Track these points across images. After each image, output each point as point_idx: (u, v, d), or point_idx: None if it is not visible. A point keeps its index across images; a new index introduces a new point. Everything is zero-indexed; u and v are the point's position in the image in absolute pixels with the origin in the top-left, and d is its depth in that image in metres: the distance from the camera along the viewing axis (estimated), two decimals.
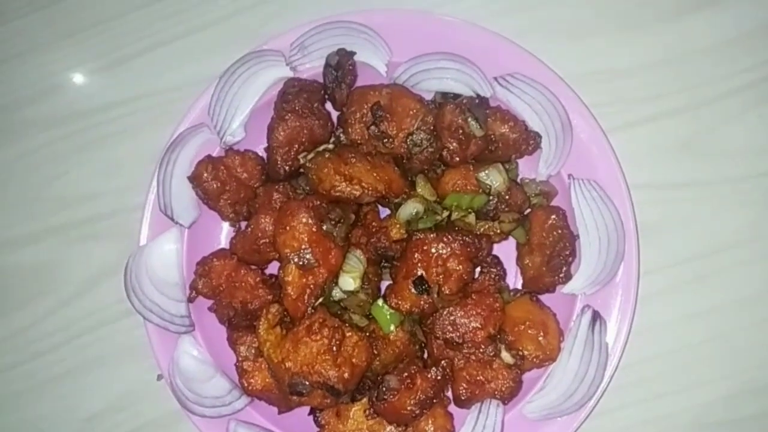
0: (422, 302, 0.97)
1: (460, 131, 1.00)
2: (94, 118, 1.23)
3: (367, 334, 1.00)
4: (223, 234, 1.15)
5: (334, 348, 0.92)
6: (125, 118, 1.22)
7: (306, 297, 0.97)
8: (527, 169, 1.09)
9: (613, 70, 1.14)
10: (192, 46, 1.22)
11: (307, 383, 0.92)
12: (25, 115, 1.25)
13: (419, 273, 0.97)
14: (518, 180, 1.08)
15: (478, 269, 1.05)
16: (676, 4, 1.14)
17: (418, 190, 1.03)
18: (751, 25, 1.13)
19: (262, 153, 1.11)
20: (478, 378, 0.99)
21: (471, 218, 1.00)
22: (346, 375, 0.92)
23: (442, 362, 0.98)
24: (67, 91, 1.25)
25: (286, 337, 0.95)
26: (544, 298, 1.05)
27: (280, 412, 1.06)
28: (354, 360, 0.94)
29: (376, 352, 0.99)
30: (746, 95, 1.12)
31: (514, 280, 1.09)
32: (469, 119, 1.00)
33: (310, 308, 0.97)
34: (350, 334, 0.95)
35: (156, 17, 1.23)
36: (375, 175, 1.00)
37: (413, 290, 0.96)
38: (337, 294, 1.00)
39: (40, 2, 1.26)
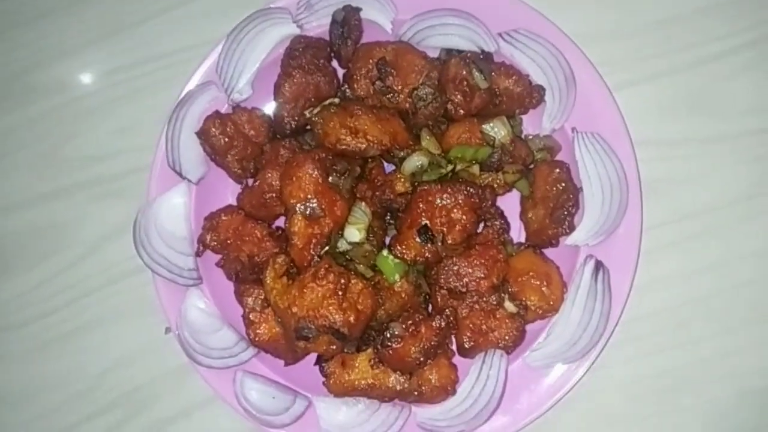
0: (426, 251, 0.98)
1: (465, 83, 1.01)
2: (105, 80, 1.25)
3: (372, 284, 1.01)
4: (230, 192, 1.16)
5: (340, 293, 0.93)
6: (135, 80, 1.24)
7: (312, 246, 0.98)
8: (531, 126, 1.10)
9: (616, 29, 1.15)
10: (198, 9, 1.24)
11: (313, 327, 0.93)
12: (37, 78, 1.27)
13: (424, 222, 0.98)
14: (522, 136, 1.09)
15: (482, 225, 1.06)
16: None
17: (423, 143, 1.04)
18: None
19: (268, 111, 1.12)
20: (481, 327, 1.00)
21: (475, 169, 1.01)
22: (351, 319, 0.93)
23: (446, 310, 0.99)
24: (77, 55, 1.27)
25: (292, 285, 0.96)
26: (548, 252, 1.06)
27: (286, 364, 1.07)
28: (359, 306, 0.95)
29: (381, 302, 1.00)
30: (748, 53, 1.12)
31: (518, 234, 1.09)
32: (474, 71, 1.01)
33: (315, 257, 0.98)
34: (355, 280, 0.96)
35: None
36: (380, 127, 1.01)
37: (418, 239, 0.97)
38: (342, 245, 1.01)
39: None
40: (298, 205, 0.98)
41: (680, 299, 1.10)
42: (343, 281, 0.94)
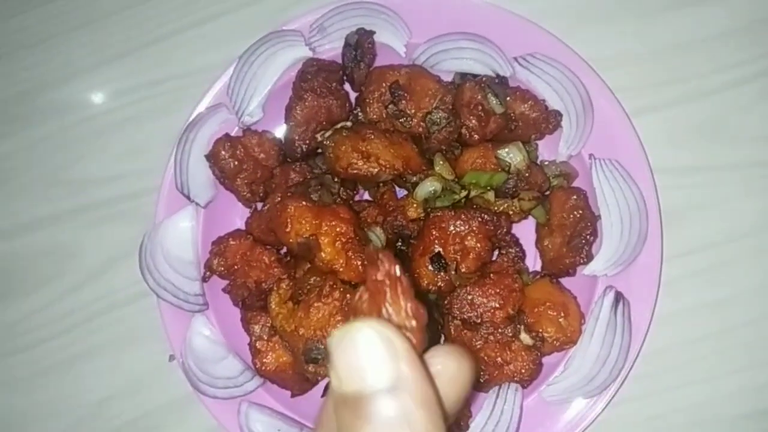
0: (439, 280, 0.95)
1: (480, 108, 0.99)
2: (112, 102, 1.23)
3: None
4: (238, 216, 1.14)
5: (347, 308, 0.89)
6: (143, 102, 1.22)
7: (347, 250, 0.93)
8: (547, 152, 1.08)
9: (633, 54, 1.12)
10: (208, 31, 1.22)
11: (322, 347, 0.89)
12: (44, 100, 1.25)
13: (436, 250, 0.95)
14: (538, 162, 1.06)
15: (496, 252, 1.03)
16: None
17: (437, 168, 1.01)
18: None
19: (279, 135, 1.10)
20: (496, 360, 0.96)
21: (490, 195, 0.98)
22: None
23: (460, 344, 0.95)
24: (86, 76, 1.25)
25: (298, 308, 0.93)
26: (565, 282, 1.02)
27: (293, 395, 1.04)
28: None
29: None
30: (765, 80, 1.09)
31: (534, 263, 1.06)
32: (489, 95, 0.99)
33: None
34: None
35: (174, 4, 1.24)
36: (392, 151, 0.99)
37: (430, 267, 0.95)
38: None
39: None
40: (307, 239, 0.95)
41: (700, 332, 1.06)
42: (349, 296, 0.91)
